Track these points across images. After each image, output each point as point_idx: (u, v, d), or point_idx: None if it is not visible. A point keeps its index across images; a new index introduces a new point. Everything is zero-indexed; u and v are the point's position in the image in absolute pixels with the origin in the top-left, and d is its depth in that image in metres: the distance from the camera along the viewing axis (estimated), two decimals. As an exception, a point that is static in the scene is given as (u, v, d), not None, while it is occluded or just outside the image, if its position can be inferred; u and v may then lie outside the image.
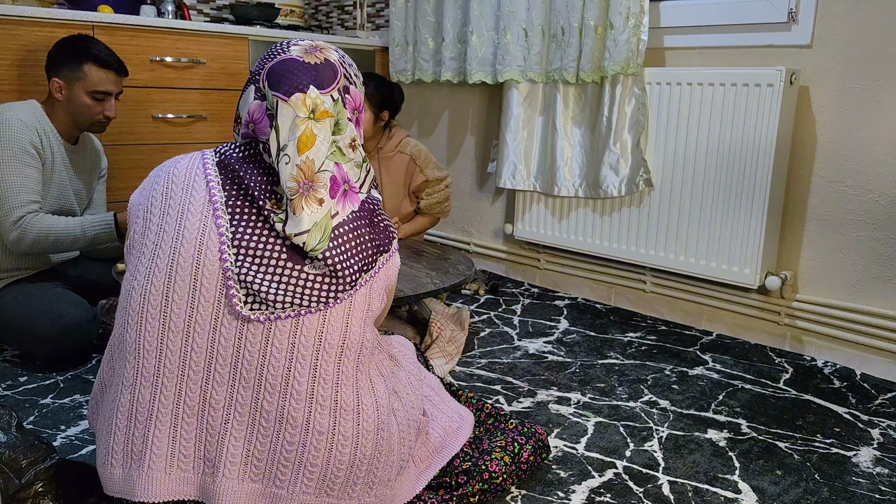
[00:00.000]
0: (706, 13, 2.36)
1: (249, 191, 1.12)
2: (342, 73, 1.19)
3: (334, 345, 1.10)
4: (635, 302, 2.64)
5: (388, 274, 1.20)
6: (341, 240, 1.12)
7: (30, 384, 1.88)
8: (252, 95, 1.17)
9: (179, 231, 1.11)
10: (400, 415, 1.20)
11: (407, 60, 3.12)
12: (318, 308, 1.10)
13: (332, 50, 1.21)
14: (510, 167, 2.77)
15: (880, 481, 1.53)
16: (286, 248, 1.10)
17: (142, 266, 1.12)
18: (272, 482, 1.10)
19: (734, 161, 2.24)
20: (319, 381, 1.09)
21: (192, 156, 1.19)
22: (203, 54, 2.72)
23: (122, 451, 1.11)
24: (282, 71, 1.15)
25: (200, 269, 1.08)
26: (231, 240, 1.09)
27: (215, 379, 1.09)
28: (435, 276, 2.05)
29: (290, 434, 1.09)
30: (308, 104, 1.13)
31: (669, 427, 1.74)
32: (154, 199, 1.15)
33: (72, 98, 2.04)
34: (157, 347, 1.09)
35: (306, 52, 1.18)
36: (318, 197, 1.11)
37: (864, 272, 2.13)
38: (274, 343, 1.08)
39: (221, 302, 1.08)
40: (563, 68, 2.55)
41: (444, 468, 1.33)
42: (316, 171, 1.12)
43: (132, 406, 1.10)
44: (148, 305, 1.09)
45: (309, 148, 1.11)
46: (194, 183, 1.14)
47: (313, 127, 1.13)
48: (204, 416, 1.09)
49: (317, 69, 1.16)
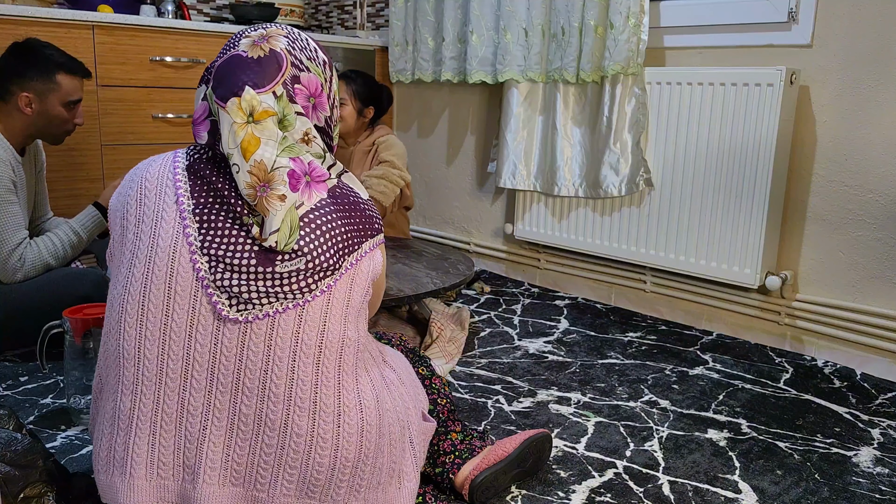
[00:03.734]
0: (706, 13, 2.36)
1: (221, 195, 1.10)
2: (288, 63, 1.12)
3: (312, 345, 1.08)
4: (635, 302, 2.64)
5: (373, 264, 1.16)
6: (311, 227, 1.09)
7: (30, 384, 1.88)
8: (202, 94, 1.14)
9: (154, 239, 1.09)
10: (390, 417, 1.18)
11: (407, 60, 3.12)
12: (295, 303, 1.08)
13: (281, 37, 1.14)
14: (510, 167, 2.77)
15: (880, 481, 1.53)
16: (255, 253, 1.07)
17: (120, 275, 1.11)
18: (253, 485, 1.10)
19: (734, 161, 2.24)
20: (297, 383, 1.07)
21: (164, 158, 1.16)
22: (203, 54, 2.72)
23: (106, 458, 1.11)
24: (224, 71, 1.11)
25: (175, 277, 1.07)
26: (200, 248, 1.08)
27: (192, 385, 1.08)
28: (435, 276, 2.05)
29: (269, 437, 1.08)
30: (244, 108, 1.08)
31: (670, 427, 1.74)
32: (129, 206, 1.13)
33: (45, 111, 1.96)
34: (136, 356, 1.08)
35: (253, 43, 1.13)
36: (279, 194, 1.07)
37: (864, 272, 2.13)
38: (250, 346, 1.07)
39: (196, 309, 1.07)
40: (563, 68, 2.55)
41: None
42: (269, 171, 1.07)
43: (115, 414, 1.10)
44: (125, 314, 1.08)
45: (254, 151, 1.07)
46: (165, 188, 1.12)
47: (254, 130, 1.08)
48: (182, 423, 1.09)
49: (259, 64, 1.11)
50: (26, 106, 1.94)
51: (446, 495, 1.39)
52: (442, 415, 1.44)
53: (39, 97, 1.95)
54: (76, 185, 2.52)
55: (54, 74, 1.95)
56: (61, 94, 1.96)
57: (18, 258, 1.91)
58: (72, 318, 1.60)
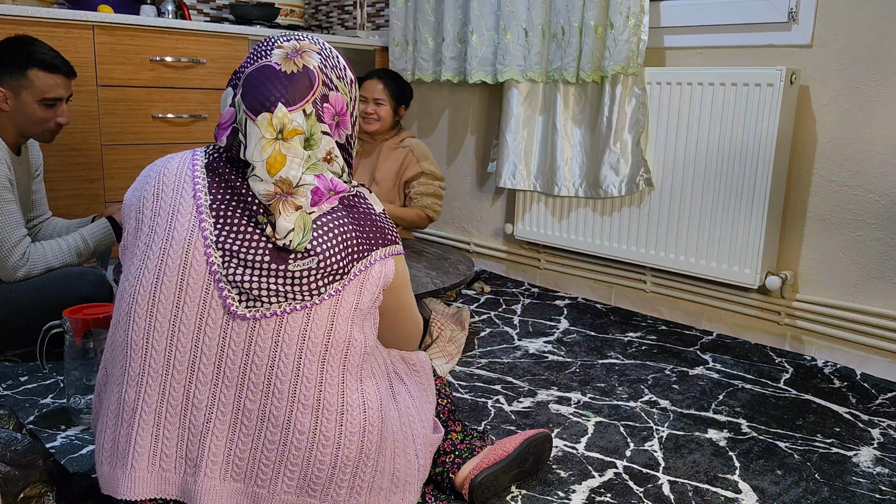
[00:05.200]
0: (706, 13, 2.36)
1: (239, 192, 1.11)
2: (320, 82, 1.14)
3: (318, 343, 1.10)
4: (635, 302, 2.64)
5: (385, 272, 1.17)
6: (324, 229, 1.11)
7: (30, 384, 1.88)
8: (229, 99, 1.15)
9: (169, 232, 1.11)
10: (394, 424, 1.18)
11: (407, 60, 3.12)
12: (303, 304, 1.09)
13: (314, 53, 1.16)
14: (510, 167, 2.77)
15: (880, 481, 1.53)
16: (269, 251, 1.09)
17: (133, 267, 1.12)
18: (253, 481, 1.10)
19: (734, 161, 2.24)
20: (302, 381, 1.08)
21: (182, 155, 1.18)
22: (203, 54, 2.72)
23: (109, 450, 1.12)
24: (256, 81, 1.12)
25: (187, 270, 1.09)
26: (215, 242, 1.09)
27: (199, 378, 1.09)
28: (435, 276, 2.05)
29: (272, 433, 1.08)
30: (275, 124, 1.10)
31: (670, 427, 1.74)
32: (145, 200, 1.15)
33: (20, 108, 1.91)
34: (143, 347, 1.09)
35: (286, 57, 1.13)
36: (297, 204, 1.10)
37: (864, 272, 2.13)
38: (258, 342, 1.08)
39: (207, 302, 1.08)
40: (563, 68, 2.55)
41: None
42: (295, 186, 1.10)
43: (119, 405, 1.11)
44: (136, 305, 1.10)
45: (279, 169, 1.09)
46: (184, 184, 1.14)
47: (282, 147, 1.10)
48: (186, 416, 1.10)
49: (291, 80, 1.12)
50: (3, 101, 1.91)
51: (446, 495, 1.39)
52: (442, 415, 1.45)
53: (13, 92, 1.91)
54: (76, 185, 2.53)
55: (26, 70, 1.90)
56: (34, 91, 1.91)
57: (20, 256, 1.91)
58: (72, 318, 1.60)
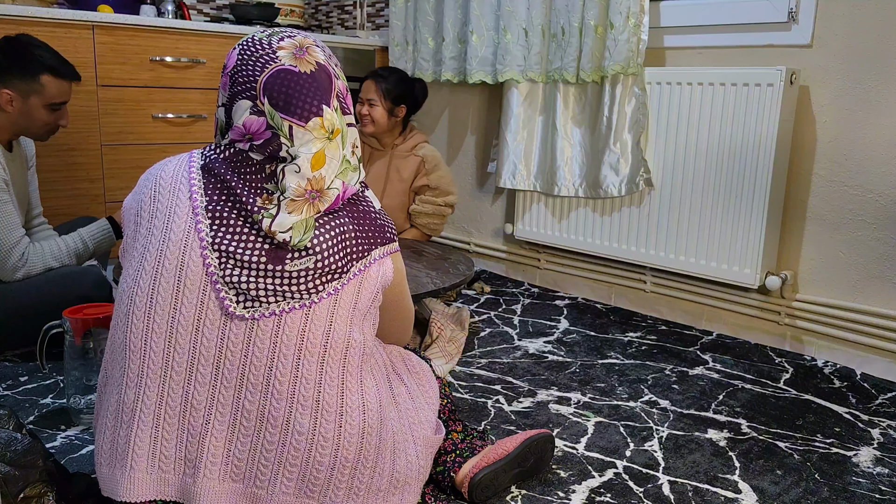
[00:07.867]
0: (706, 13, 2.36)
1: (234, 193, 1.11)
2: (332, 74, 1.15)
3: (317, 343, 1.10)
4: (635, 302, 2.64)
5: (384, 271, 1.18)
6: (324, 228, 1.12)
7: (30, 384, 1.88)
8: (248, 110, 1.11)
9: (166, 234, 1.11)
10: (393, 426, 1.18)
11: (407, 60, 3.12)
12: (301, 304, 1.09)
13: (314, 46, 1.15)
14: (510, 167, 2.77)
15: (880, 481, 1.53)
16: (266, 251, 1.09)
17: (131, 268, 1.13)
18: (252, 482, 1.10)
19: (734, 161, 2.24)
20: (301, 381, 1.08)
21: (179, 158, 1.19)
22: (203, 54, 2.72)
23: (108, 451, 1.12)
24: (284, 89, 1.10)
25: (184, 271, 1.09)
26: (211, 244, 1.09)
27: (197, 379, 1.09)
28: (435, 276, 2.05)
29: (270, 434, 1.09)
30: (327, 126, 1.12)
31: (669, 427, 1.74)
32: (143, 203, 1.15)
33: (26, 111, 1.91)
34: (141, 348, 1.09)
35: (295, 57, 1.12)
36: (318, 208, 1.11)
37: (864, 272, 2.13)
38: (256, 342, 1.08)
39: (205, 303, 1.08)
40: (563, 68, 2.55)
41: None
42: (326, 188, 1.12)
43: (118, 406, 1.11)
44: (134, 307, 1.10)
45: (319, 168, 1.11)
46: (180, 186, 1.14)
47: (327, 148, 1.12)
48: (185, 417, 1.10)
49: (314, 80, 1.12)
50: (7, 104, 1.90)
51: (446, 495, 1.39)
52: (443, 415, 1.45)
53: (22, 96, 1.90)
54: (76, 185, 2.52)
55: (39, 75, 1.90)
56: (45, 97, 1.91)
57: (18, 256, 1.91)
58: (72, 318, 1.60)
